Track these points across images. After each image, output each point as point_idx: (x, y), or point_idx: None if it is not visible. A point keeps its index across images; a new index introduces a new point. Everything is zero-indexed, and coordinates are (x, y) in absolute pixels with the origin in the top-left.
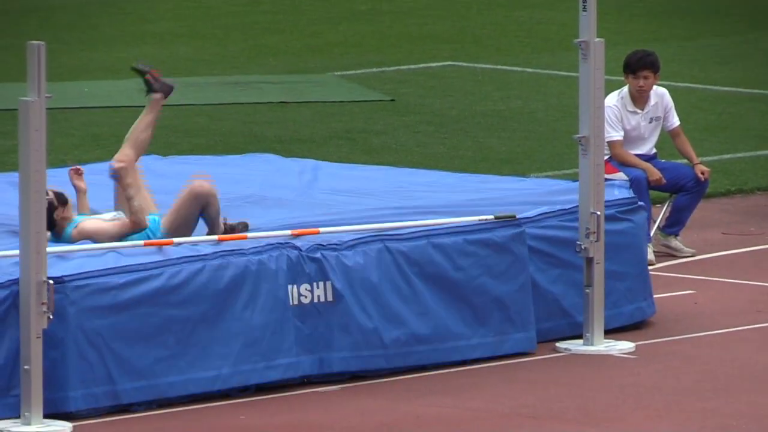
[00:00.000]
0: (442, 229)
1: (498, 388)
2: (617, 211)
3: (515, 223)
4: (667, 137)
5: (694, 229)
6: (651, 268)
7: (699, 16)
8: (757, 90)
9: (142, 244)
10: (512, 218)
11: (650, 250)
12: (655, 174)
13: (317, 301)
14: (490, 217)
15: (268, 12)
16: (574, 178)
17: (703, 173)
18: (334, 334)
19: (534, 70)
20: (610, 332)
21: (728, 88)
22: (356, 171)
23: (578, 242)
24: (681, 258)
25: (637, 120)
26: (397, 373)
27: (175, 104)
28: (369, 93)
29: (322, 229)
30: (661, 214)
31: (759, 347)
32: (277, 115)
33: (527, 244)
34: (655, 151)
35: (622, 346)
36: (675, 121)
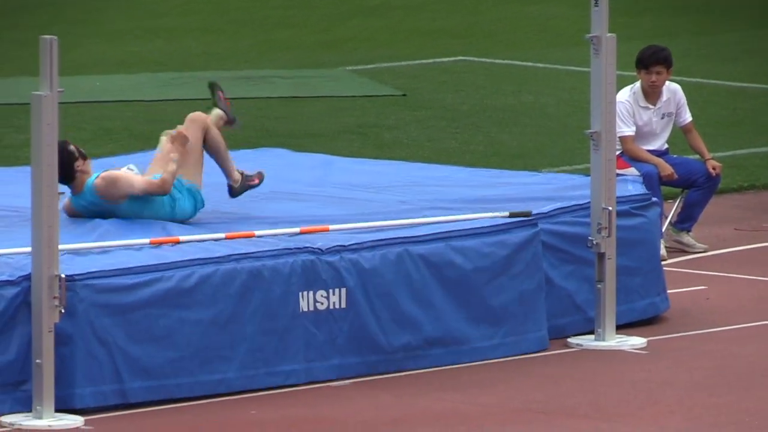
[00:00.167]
0: (461, 231)
1: (510, 384)
2: (631, 207)
3: (532, 222)
4: (679, 133)
5: (707, 225)
6: (663, 263)
7: (711, 11)
8: None
9: (149, 242)
10: (527, 215)
11: (662, 246)
12: (667, 169)
13: (333, 307)
14: (505, 214)
15: (280, 7)
16: (585, 173)
17: (714, 168)
18: (349, 340)
19: (545, 65)
20: (621, 327)
21: (741, 84)
22: (368, 166)
23: (590, 237)
24: (693, 254)
25: (649, 115)
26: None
27: (186, 99)
28: (381, 88)
29: (332, 226)
30: (673, 210)
31: None
32: (289, 110)
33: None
34: (666, 147)
35: (634, 342)
36: (687, 117)
